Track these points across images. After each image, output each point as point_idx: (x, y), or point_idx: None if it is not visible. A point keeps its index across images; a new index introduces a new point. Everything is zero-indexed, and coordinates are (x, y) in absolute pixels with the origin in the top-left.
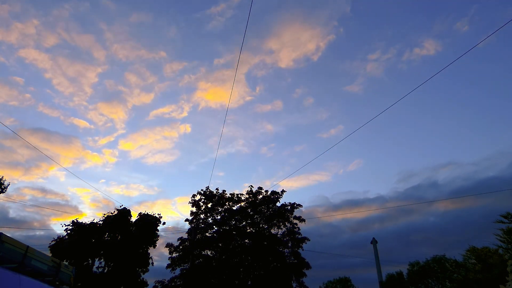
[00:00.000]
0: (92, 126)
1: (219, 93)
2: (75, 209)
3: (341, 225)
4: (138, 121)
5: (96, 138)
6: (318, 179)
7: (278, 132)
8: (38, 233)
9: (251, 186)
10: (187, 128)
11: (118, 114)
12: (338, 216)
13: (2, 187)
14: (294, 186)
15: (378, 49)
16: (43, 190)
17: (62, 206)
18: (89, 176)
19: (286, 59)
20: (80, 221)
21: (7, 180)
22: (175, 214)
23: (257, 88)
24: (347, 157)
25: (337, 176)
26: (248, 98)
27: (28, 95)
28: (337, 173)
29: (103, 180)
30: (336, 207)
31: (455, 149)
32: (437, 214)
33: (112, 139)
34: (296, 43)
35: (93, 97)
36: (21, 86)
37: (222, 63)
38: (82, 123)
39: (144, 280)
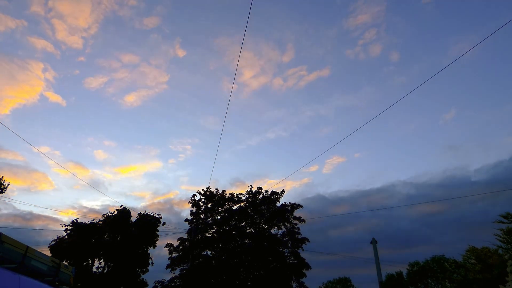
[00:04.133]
0: (53, 50)
1: None
2: (36, 172)
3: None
4: (115, 37)
5: (56, 74)
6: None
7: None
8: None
9: (251, 186)
10: (179, 52)
11: (90, 31)
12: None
13: (2, 187)
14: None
15: None
16: None
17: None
18: (48, 124)
19: None
20: (80, 221)
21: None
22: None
23: None
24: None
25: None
26: None
27: None
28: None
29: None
30: (365, 194)
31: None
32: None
33: (77, 72)
34: None
35: None
36: None
37: None
38: (40, 43)
39: (144, 280)
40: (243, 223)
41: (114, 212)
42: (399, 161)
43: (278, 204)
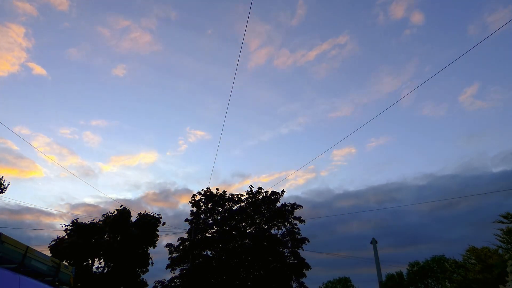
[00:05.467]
0: (37, 13)
1: None
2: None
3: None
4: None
5: (37, 42)
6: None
7: None
8: None
9: (251, 186)
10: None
11: None
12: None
13: (2, 187)
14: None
15: None
16: None
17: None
18: (31, 100)
19: None
20: (80, 221)
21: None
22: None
23: None
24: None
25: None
26: None
27: None
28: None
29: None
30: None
31: None
32: None
33: (61, 40)
34: None
35: None
36: None
37: None
38: (23, 6)
39: (144, 280)
40: (243, 223)
41: (114, 212)
42: (411, 149)
43: (278, 204)
